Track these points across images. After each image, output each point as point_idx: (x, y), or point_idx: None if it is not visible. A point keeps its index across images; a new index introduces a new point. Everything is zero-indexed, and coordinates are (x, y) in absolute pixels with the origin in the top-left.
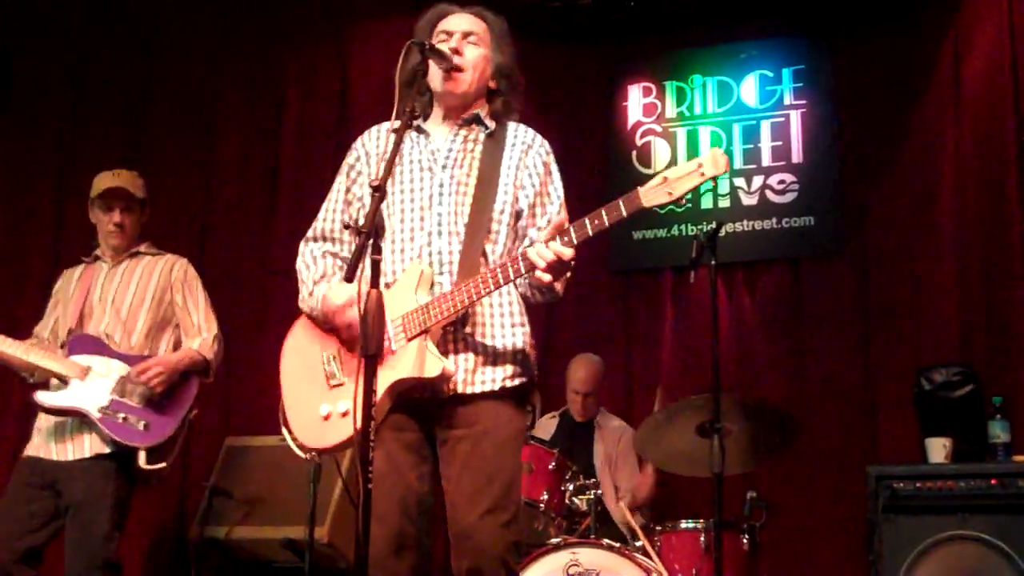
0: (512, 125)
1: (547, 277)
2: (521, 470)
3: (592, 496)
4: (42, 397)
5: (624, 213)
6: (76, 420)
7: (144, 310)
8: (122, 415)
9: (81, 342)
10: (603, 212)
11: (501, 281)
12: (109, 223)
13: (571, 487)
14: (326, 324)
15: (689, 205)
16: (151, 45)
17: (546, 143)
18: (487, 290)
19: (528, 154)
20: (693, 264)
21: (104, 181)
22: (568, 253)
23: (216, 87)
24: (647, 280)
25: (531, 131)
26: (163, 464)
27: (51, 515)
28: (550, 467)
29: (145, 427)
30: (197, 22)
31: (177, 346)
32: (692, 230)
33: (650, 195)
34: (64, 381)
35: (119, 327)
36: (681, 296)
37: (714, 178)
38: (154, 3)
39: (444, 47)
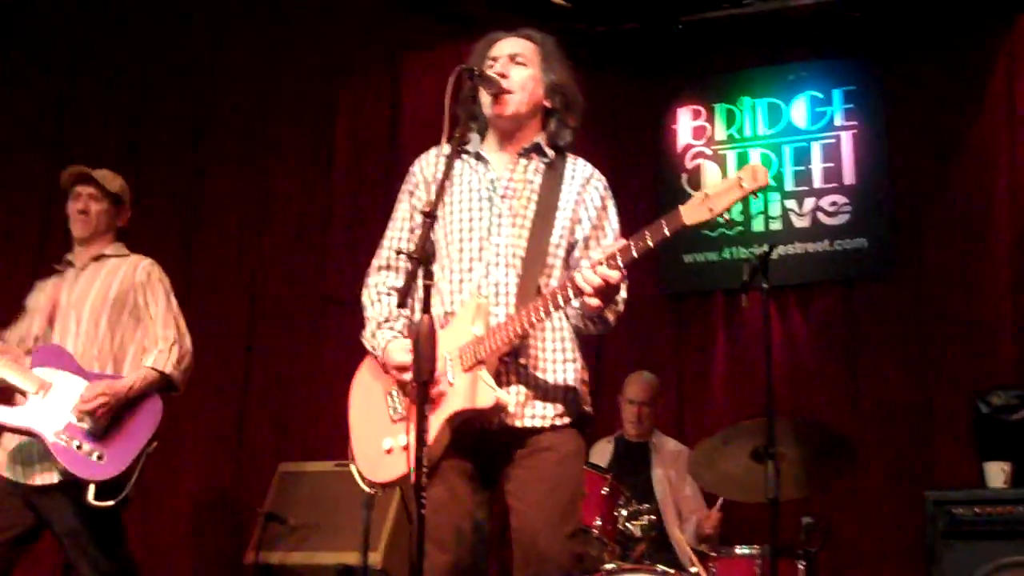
0: (571, 158)
1: (595, 302)
2: (583, 487)
3: (646, 521)
4: None
5: (667, 232)
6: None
7: (105, 316)
8: (76, 442)
9: (47, 353)
10: (646, 233)
11: (551, 308)
12: (74, 210)
13: (624, 512)
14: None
15: (741, 228)
16: (206, 77)
17: (603, 178)
18: (538, 318)
19: (586, 188)
20: (745, 287)
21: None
22: (614, 276)
23: (269, 118)
24: (698, 304)
25: (589, 165)
26: (110, 503)
27: (27, 525)
28: (602, 492)
29: (99, 458)
30: (251, 55)
31: None
32: (743, 253)
33: (691, 212)
34: (23, 395)
35: (82, 336)
36: (733, 319)
37: (755, 191)
38: (208, 36)
39: (491, 72)
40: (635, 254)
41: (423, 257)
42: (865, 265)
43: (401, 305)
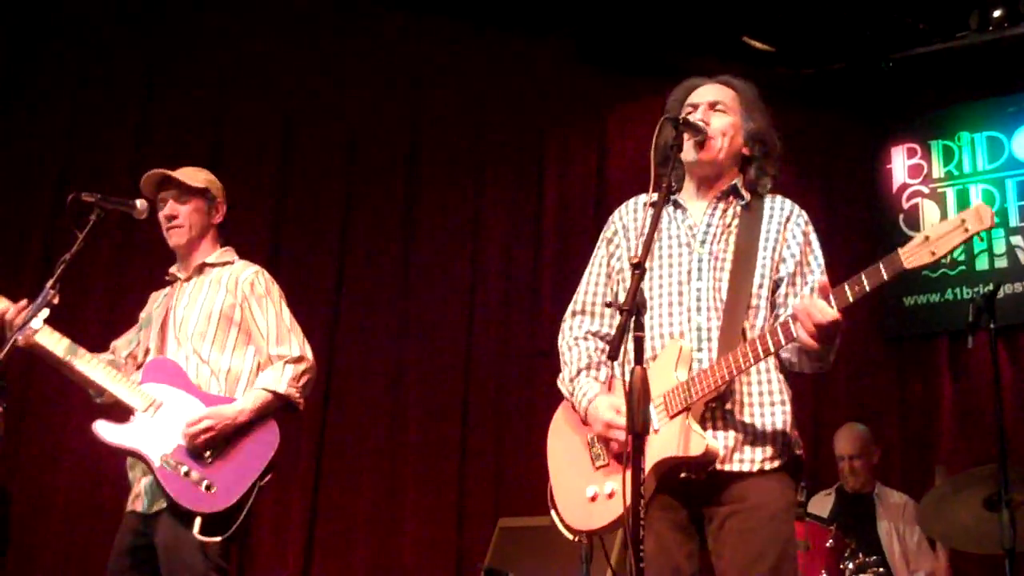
0: (769, 197)
1: (812, 342)
2: (794, 543)
3: (874, 574)
4: (101, 429)
5: (885, 276)
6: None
7: (212, 337)
8: (185, 468)
9: (158, 367)
10: (863, 277)
11: (761, 354)
12: (162, 218)
13: (851, 565)
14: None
15: (963, 267)
16: (413, 136)
17: (804, 213)
18: (748, 364)
19: (787, 226)
20: (971, 328)
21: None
22: (831, 314)
23: (479, 168)
24: (921, 347)
25: (788, 201)
26: (218, 538)
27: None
28: (827, 545)
29: (208, 488)
30: (460, 114)
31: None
32: (968, 293)
33: (912, 256)
34: (130, 412)
35: (192, 360)
36: (958, 362)
37: (979, 234)
38: (417, 89)
39: (693, 118)
40: (850, 298)
41: (633, 309)
42: None
43: (613, 358)
